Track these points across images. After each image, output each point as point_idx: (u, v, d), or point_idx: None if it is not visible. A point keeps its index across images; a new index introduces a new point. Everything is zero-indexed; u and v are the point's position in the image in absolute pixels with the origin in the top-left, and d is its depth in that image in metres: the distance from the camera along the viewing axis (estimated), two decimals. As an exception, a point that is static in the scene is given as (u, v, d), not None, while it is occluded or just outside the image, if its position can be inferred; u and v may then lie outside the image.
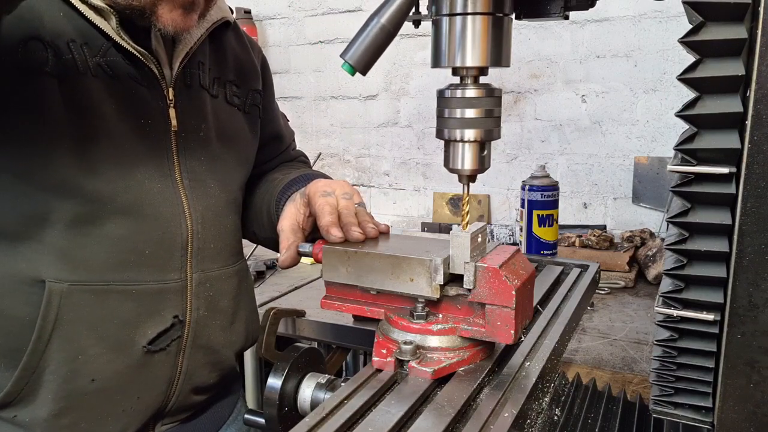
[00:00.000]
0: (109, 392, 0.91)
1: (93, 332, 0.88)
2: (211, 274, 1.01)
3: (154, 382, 0.96)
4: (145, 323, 0.92)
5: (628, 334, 1.64)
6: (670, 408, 0.74)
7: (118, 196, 0.88)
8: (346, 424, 0.66)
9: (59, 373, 0.87)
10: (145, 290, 0.92)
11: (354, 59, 0.64)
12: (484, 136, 0.74)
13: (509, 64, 0.75)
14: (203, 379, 1.04)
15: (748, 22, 0.58)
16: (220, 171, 1.04)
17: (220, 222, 1.03)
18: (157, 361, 0.95)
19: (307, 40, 3.01)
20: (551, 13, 0.78)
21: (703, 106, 0.62)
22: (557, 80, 2.50)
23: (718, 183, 0.62)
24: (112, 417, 0.92)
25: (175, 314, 0.95)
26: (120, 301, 0.90)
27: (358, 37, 0.64)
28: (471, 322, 0.78)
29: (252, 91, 1.13)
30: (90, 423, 0.91)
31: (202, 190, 0.99)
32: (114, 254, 0.89)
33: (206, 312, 1.00)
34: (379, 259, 0.82)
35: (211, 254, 1.01)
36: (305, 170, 1.20)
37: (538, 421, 0.79)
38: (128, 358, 0.92)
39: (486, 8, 0.70)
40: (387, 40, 0.64)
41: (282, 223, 1.00)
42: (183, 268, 0.96)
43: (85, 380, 0.89)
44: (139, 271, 0.91)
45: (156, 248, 0.93)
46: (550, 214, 1.84)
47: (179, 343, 0.97)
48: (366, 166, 2.99)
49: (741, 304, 0.63)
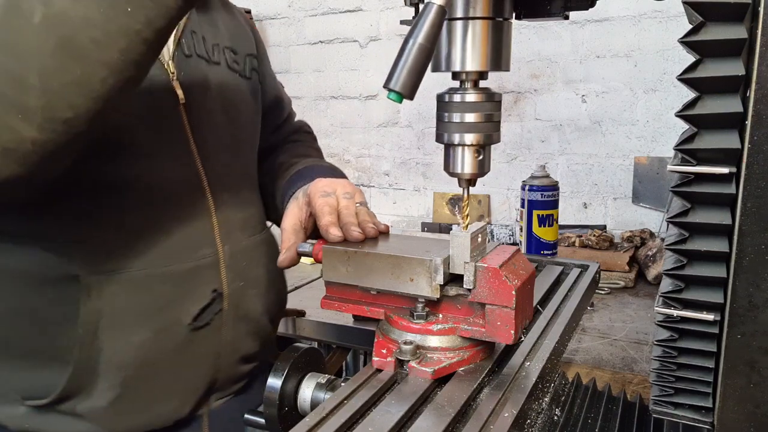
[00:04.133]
0: (161, 373, 0.93)
1: (138, 318, 0.89)
2: (240, 245, 1.01)
3: (203, 358, 0.97)
4: (187, 301, 0.93)
5: (628, 334, 1.64)
6: (670, 408, 0.74)
7: (140, 181, 0.88)
8: (346, 424, 0.66)
9: (111, 362, 0.88)
10: (181, 269, 0.92)
11: (400, 85, 0.61)
12: (483, 141, 0.75)
13: (509, 69, 0.75)
14: (247, 348, 1.05)
15: (748, 22, 0.58)
16: (232, 141, 1.03)
17: (239, 192, 1.03)
18: (203, 336, 0.96)
19: (307, 40, 3.01)
20: (551, 13, 0.78)
21: (703, 106, 0.62)
22: (557, 80, 2.50)
23: (718, 183, 0.62)
24: (167, 396, 0.94)
25: (214, 288, 0.96)
26: (159, 283, 0.91)
27: (398, 62, 0.61)
28: (471, 322, 0.78)
29: (248, 55, 1.12)
30: (147, 405, 0.93)
31: (217, 162, 0.99)
32: (144, 239, 0.89)
33: (242, 282, 1.01)
34: (379, 259, 0.82)
35: (237, 225, 1.01)
36: (310, 161, 1.19)
37: (538, 421, 0.79)
38: (175, 337, 0.93)
39: (486, 13, 0.70)
40: (428, 59, 0.61)
41: (284, 222, 1.00)
42: (213, 242, 0.97)
43: (137, 365, 0.90)
44: (171, 251, 0.92)
45: (184, 227, 0.93)
46: (550, 214, 1.84)
47: (221, 316, 0.98)
48: (366, 166, 2.99)
49: (741, 304, 0.63)
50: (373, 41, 2.86)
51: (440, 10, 0.60)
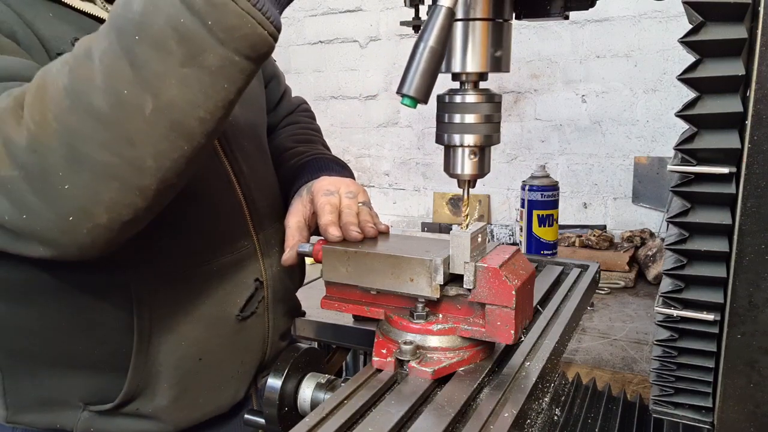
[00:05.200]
0: (217, 365, 0.95)
1: (189, 317, 0.91)
2: (271, 231, 1.03)
3: (253, 344, 1.01)
4: (233, 294, 0.95)
5: (628, 334, 1.64)
6: (670, 408, 0.74)
7: None
8: (346, 424, 0.66)
9: (168, 362, 0.90)
10: (223, 264, 0.94)
11: (413, 90, 0.60)
12: (483, 142, 0.75)
13: (509, 70, 0.75)
14: (284, 326, 1.09)
15: (748, 22, 0.58)
16: (246, 126, 1.03)
17: (262, 179, 1.04)
18: (251, 324, 0.99)
19: (307, 40, 3.01)
20: (551, 13, 0.78)
21: (703, 106, 0.62)
22: (557, 80, 2.50)
23: (718, 183, 0.62)
24: (224, 386, 0.97)
25: (256, 277, 0.99)
26: (205, 280, 0.92)
27: (410, 67, 0.61)
28: (471, 322, 0.77)
29: None
30: (207, 397, 0.95)
31: (238, 151, 0.99)
32: (183, 239, 0.90)
33: (278, 267, 1.03)
34: (379, 259, 0.82)
35: (266, 213, 1.03)
36: (316, 151, 1.18)
37: (538, 421, 0.79)
38: (226, 329, 0.95)
39: (486, 14, 0.70)
40: (440, 61, 0.61)
41: (289, 219, 1.01)
42: (248, 232, 0.99)
43: (193, 361, 0.92)
44: (213, 248, 0.93)
45: (220, 222, 0.94)
46: (550, 214, 1.84)
47: (264, 302, 1.01)
48: (366, 166, 2.99)
49: (741, 304, 0.63)
50: (373, 41, 2.86)
51: (449, 12, 0.60)
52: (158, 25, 0.59)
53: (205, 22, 0.59)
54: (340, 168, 1.13)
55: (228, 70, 0.62)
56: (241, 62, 0.62)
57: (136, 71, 0.60)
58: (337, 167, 1.12)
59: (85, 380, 0.89)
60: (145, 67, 0.60)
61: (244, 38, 0.60)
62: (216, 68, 0.61)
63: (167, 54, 0.59)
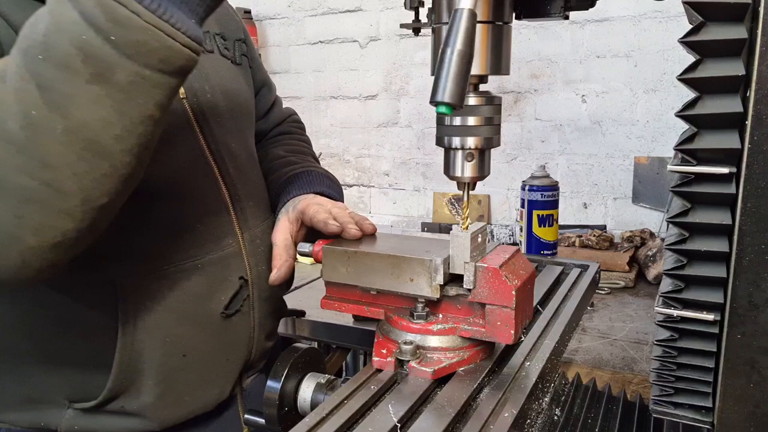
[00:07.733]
0: (201, 362, 0.95)
1: (173, 313, 0.91)
2: (257, 230, 1.04)
3: (238, 342, 1.01)
4: (217, 291, 0.96)
5: (628, 334, 1.64)
6: (670, 408, 0.74)
7: (157, 179, 0.89)
8: (346, 424, 0.66)
9: (153, 359, 0.90)
10: (208, 261, 0.94)
11: (448, 96, 0.59)
12: (483, 144, 0.75)
13: (509, 72, 0.75)
14: (270, 325, 1.09)
15: (748, 22, 0.58)
16: (234, 129, 1.04)
17: (248, 179, 1.05)
18: (236, 322, 0.99)
19: (307, 40, 3.01)
20: (551, 13, 0.78)
21: (703, 106, 0.62)
22: (557, 80, 2.50)
23: (718, 183, 0.62)
24: (209, 383, 0.97)
25: (240, 275, 0.99)
26: (189, 277, 0.92)
27: (440, 73, 0.60)
28: (471, 322, 0.78)
29: (236, 40, 1.12)
30: (192, 394, 0.95)
31: (226, 151, 1.00)
32: (169, 237, 0.90)
33: (264, 266, 1.03)
34: (379, 259, 0.82)
35: (252, 212, 1.03)
36: (307, 164, 1.19)
37: (538, 421, 0.79)
38: (210, 327, 0.95)
39: (486, 17, 0.70)
40: (469, 63, 0.60)
41: (276, 236, 1.01)
42: (233, 231, 0.99)
43: (177, 358, 0.92)
44: (197, 245, 0.93)
45: (205, 219, 0.95)
46: (550, 214, 1.84)
47: (249, 301, 1.01)
48: (366, 166, 2.99)
49: (741, 304, 0.63)
50: (373, 41, 2.86)
51: (471, 14, 0.60)
52: (62, 44, 0.58)
53: (109, 39, 0.57)
54: (331, 182, 1.14)
55: (140, 86, 0.60)
56: (154, 77, 0.60)
57: (44, 92, 0.59)
58: (327, 181, 1.13)
59: (69, 377, 0.89)
60: (52, 89, 0.59)
61: (153, 52, 0.59)
62: (126, 84, 0.60)
63: (73, 73, 0.58)
